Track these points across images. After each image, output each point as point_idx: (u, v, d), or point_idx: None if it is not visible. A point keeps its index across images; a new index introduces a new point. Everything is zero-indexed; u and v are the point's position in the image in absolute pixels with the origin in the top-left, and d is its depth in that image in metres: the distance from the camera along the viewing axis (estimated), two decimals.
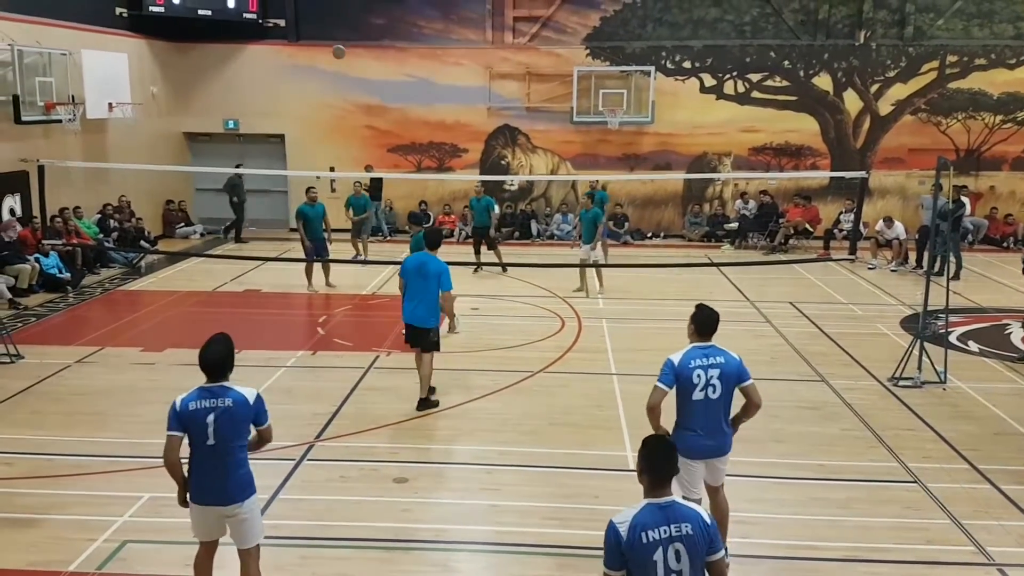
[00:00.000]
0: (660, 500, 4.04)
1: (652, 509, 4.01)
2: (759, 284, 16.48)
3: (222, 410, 5.31)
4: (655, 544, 3.92)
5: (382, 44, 22.01)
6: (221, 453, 5.34)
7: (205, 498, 5.43)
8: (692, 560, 3.96)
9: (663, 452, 4.14)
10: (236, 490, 5.43)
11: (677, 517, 3.98)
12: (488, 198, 17.54)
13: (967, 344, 12.68)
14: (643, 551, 3.91)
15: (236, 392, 5.38)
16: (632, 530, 3.94)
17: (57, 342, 12.49)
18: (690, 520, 3.99)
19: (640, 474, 4.12)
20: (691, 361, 5.99)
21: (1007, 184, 21.78)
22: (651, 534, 3.93)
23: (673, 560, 3.93)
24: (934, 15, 21.22)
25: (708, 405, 6.01)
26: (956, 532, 7.05)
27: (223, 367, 5.43)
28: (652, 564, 3.91)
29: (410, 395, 10.16)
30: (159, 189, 21.52)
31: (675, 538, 3.94)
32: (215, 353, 5.42)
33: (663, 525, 3.95)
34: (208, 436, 5.30)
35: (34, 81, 16.14)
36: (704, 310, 6.25)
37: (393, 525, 7.08)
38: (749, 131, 21.89)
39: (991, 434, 9.21)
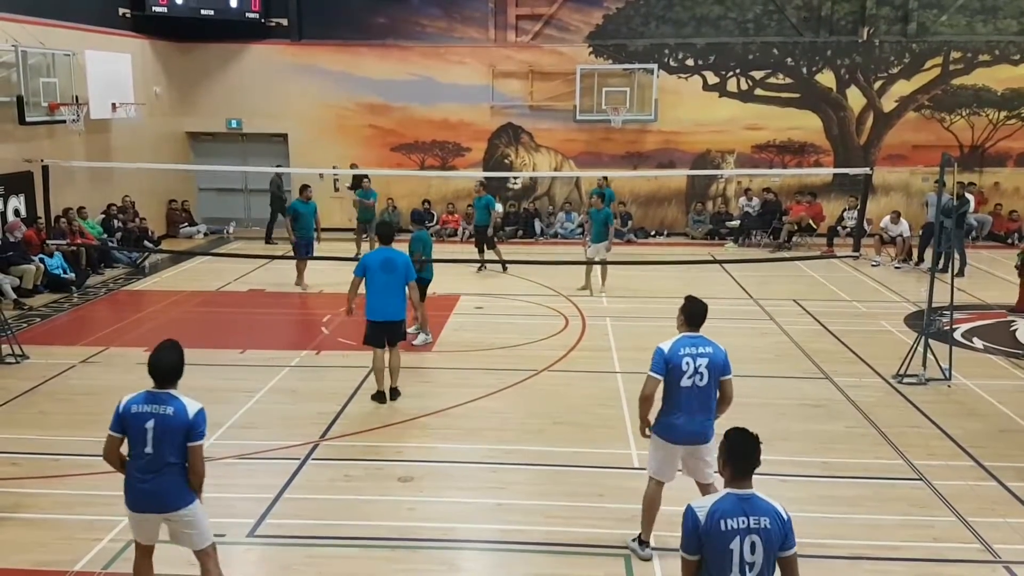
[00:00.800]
0: (741, 491, 4.09)
1: (733, 499, 4.06)
2: (763, 282, 16.46)
3: (161, 417, 5.19)
4: (733, 533, 3.98)
5: (385, 43, 22.01)
6: (158, 463, 5.21)
7: (140, 505, 5.33)
8: (767, 553, 4.00)
9: (746, 443, 4.16)
10: (174, 498, 5.28)
11: (756, 510, 4.04)
12: (488, 196, 17.55)
13: (972, 341, 12.66)
14: (720, 538, 3.97)
15: (179, 401, 5.26)
16: (711, 516, 4.00)
17: (62, 342, 12.52)
18: (768, 514, 4.05)
19: (723, 465, 4.18)
20: (680, 349, 6.17)
21: (1011, 180, 21.74)
22: (730, 522, 3.99)
23: (748, 551, 3.98)
24: (937, 11, 21.17)
25: (694, 392, 6.19)
26: (962, 530, 7.04)
27: (171, 374, 5.34)
28: (728, 552, 3.97)
29: (416, 394, 10.18)
30: (162, 189, 21.55)
31: (752, 530, 3.99)
32: (165, 359, 5.35)
33: (741, 516, 4.00)
34: (146, 443, 5.20)
35: (38, 82, 16.17)
36: (694, 302, 6.41)
37: (398, 524, 7.08)
38: (752, 128, 21.86)
39: (997, 431, 9.19)
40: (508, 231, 21.59)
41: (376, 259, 9.73)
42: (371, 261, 9.73)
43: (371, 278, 9.66)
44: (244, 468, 8.17)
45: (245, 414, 9.49)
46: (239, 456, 8.38)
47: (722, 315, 13.56)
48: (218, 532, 6.81)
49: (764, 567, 4.01)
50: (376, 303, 9.70)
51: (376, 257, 9.77)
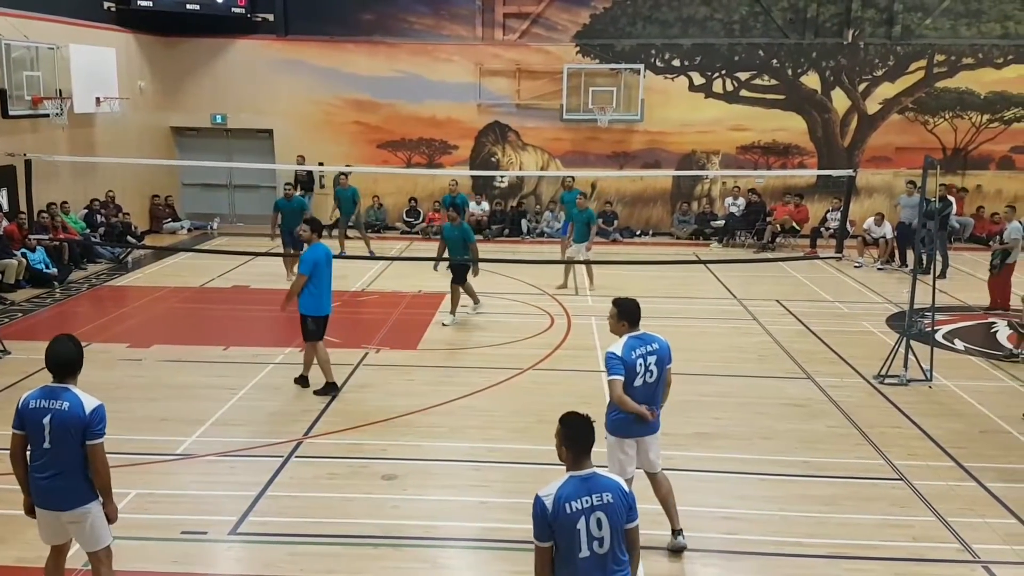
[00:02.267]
0: (582, 472, 4.26)
1: (575, 481, 4.23)
2: (746, 282, 16.54)
3: (56, 412, 5.05)
4: (578, 514, 4.14)
5: (372, 39, 21.96)
6: (56, 459, 5.10)
7: (43, 501, 5.24)
8: (613, 527, 4.19)
9: (582, 426, 4.33)
10: (72, 496, 5.18)
11: (598, 487, 4.22)
12: (463, 195, 17.50)
13: (953, 342, 12.77)
14: (567, 520, 4.13)
15: (75, 397, 5.10)
16: (556, 501, 4.15)
17: (44, 338, 12.22)
18: (610, 489, 4.24)
19: (561, 449, 4.33)
20: (632, 352, 6.27)
21: (993, 183, 21.92)
22: (574, 504, 4.15)
23: (595, 528, 4.16)
24: (922, 14, 21.33)
25: (646, 389, 6.33)
26: (941, 529, 7.10)
27: (68, 366, 5.19)
28: (576, 532, 4.13)
29: (400, 392, 10.19)
30: (146, 184, 21.43)
31: (596, 507, 4.17)
32: (60, 351, 5.19)
33: (585, 495, 4.18)
34: (44, 438, 5.08)
35: (21, 75, 16.07)
36: (628, 302, 6.48)
37: (382, 522, 7.08)
38: (737, 129, 21.96)
39: (977, 432, 9.28)
40: (494, 230, 21.60)
41: (323, 255, 9.80)
42: (320, 257, 9.75)
43: (322, 273, 9.75)
44: (227, 465, 8.15)
45: (228, 411, 9.45)
46: (222, 453, 8.36)
47: (706, 315, 13.66)
48: (200, 529, 6.84)
49: (612, 540, 4.19)
50: (328, 298, 9.92)
51: (322, 253, 9.81)
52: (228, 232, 21.90)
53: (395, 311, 14.14)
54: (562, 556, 4.18)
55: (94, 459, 5.13)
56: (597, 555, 4.17)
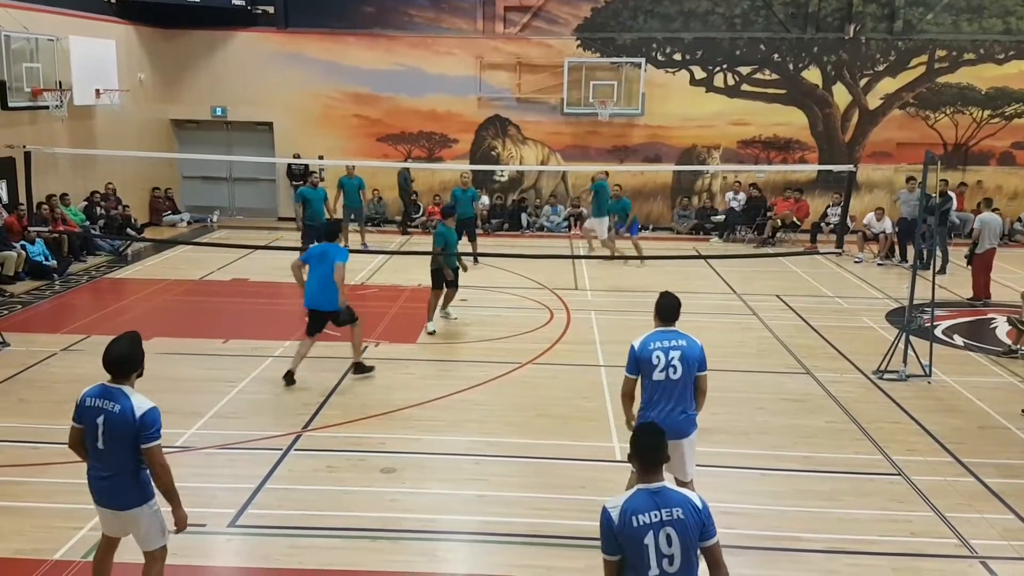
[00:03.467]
0: (651, 486, 4.10)
1: (643, 494, 4.07)
2: (746, 277, 16.54)
3: (109, 414, 5.04)
4: (646, 528, 3.98)
5: (372, 32, 21.92)
6: (110, 459, 5.10)
7: (98, 498, 5.27)
8: (684, 544, 4.02)
9: (652, 438, 4.21)
10: (125, 497, 5.18)
11: (668, 502, 4.05)
12: (473, 189, 17.49)
13: (952, 338, 12.77)
14: (634, 534, 3.98)
15: (127, 400, 5.04)
16: (623, 514, 4.00)
17: (43, 330, 12.43)
18: (681, 505, 4.07)
19: (631, 460, 4.22)
20: (650, 344, 6.21)
21: (994, 179, 21.90)
22: (642, 518, 4.00)
23: (664, 544, 3.99)
24: (923, 9, 21.29)
25: (668, 385, 6.20)
26: (940, 525, 7.11)
27: (121, 365, 5.13)
28: (644, 548, 3.97)
29: (399, 386, 10.20)
30: (146, 176, 21.39)
31: (666, 522, 4.01)
32: (115, 350, 5.15)
33: (653, 510, 4.02)
34: (98, 438, 5.08)
35: (21, 67, 16.03)
36: (666, 297, 6.43)
37: (380, 515, 7.09)
38: (738, 124, 21.93)
39: (975, 427, 9.28)
40: (494, 223, 21.57)
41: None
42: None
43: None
44: (226, 458, 8.15)
45: (228, 404, 9.45)
46: (221, 446, 8.36)
47: (706, 310, 13.65)
48: (199, 522, 6.82)
49: (684, 558, 4.03)
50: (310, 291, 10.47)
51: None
52: (228, 225, 21.89)
53: (394, 305, 14.14)
54: (633, 572, 4.04)
55: (151, 463, 5.07)
56: (667, 573, 4.01)
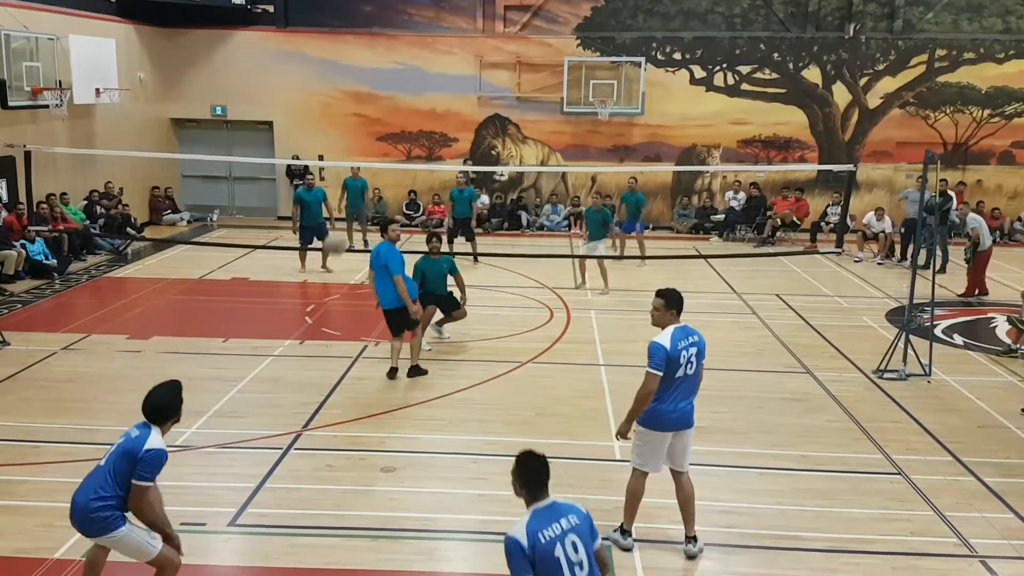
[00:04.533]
0: (542, 504, 4.27)
1: (539, 513, 4.24)
2: (746, 276, 16.54)
3: (127, 437, 5.22)
4: (553, 541, 4.13)
5: (372, 31, 21.92)
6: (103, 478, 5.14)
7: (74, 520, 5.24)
8: (587, 548, 4.21)
9: (538, 462, 4.36)
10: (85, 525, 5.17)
11: (562, 512, 4.25)
12: (471, 189, 17.49)
13: (952, 337, 12.77)
14: (544, 550, 4.11)
15: (147, 433, 5.19)
16: (530, 536, 4.13)
17: (43, 329, 12.44)
18: (572, 511, 4.28)
19: (519, 488, 4.35)
20: (679, 343, 6.24)
21: (994, 178, 21.91)
22: (547, 533, 4.15)
23: (572, 552, 4.15)
24: (923, 8, 21.29)
25: (686, 381, 6.33)
26: (939, 524, 7.11)
27: (158, 413, 5.28)
28: (555, 561, 4.11)
29: (399, 385, 10.20)
30: (145, 175, 21.39)
31: (567, 531, 4.19)
32: (154, 398, 5.32)
33: (554, 523, 4.19)
34: (105, 456, 5.26)
35: (21, 66, 16.03)
36: (674, 292, 6.46)
37: (380, 514, 7.09)
38: (738, 123, 21.93)
39: (975, 427, 9.28)
40: (494, 223, 21.55)
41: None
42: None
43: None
44: (226, 457, 8.15)
45: (227, 403, 9.46)
46: (221, 445, 8.36)
47: (706, 309, 13.64)
48: (199, 521, 6.84)
49: (590, 562, 4.20)
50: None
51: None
52: (228, 224, 21.88)
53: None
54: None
55: (134, 498, 5.12)
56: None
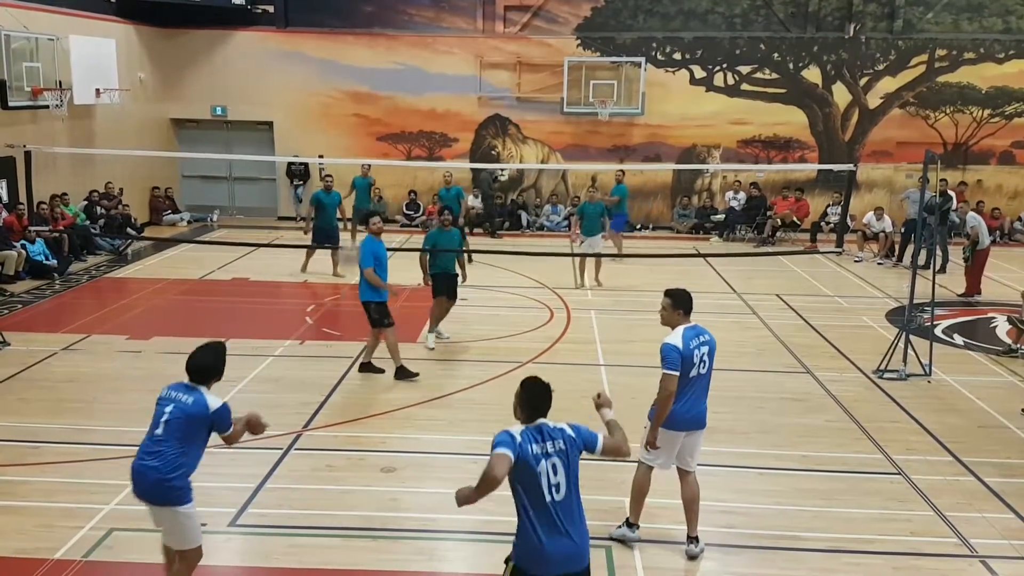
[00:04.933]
0: (532, 424, 4.57)
1: (530, 431, 4.54)
2: (746, 276, 16.54)
3: (179, 403, 5.23)
4: (538, 457, 4.46)
5: (372, 31, 21.93)
6: (157, 445, 5.21)
7: (137, 488, 5.31)
8: (567, 472, 4.51)
9: (544, 388, 4.65)
10: (159, 493, 5.25)
11: (550, 434, 4.54)
12: (457, 187, 17.50)
13: (952, 337, 12.77)
14: (527, 463, 4.43)
15: (202, 396, 5.26)
16: (522, 444, 4.45)
17: (43, 329, 12.44)
18: (560, 436, 4.55)
19: (518, 408, 4.65)
20: (691, 343, 6.25)
21: (994, 178, 21.92)
22: (534, 448, 4.47)
23: (551, 473, 4.46)
24: (924, 8, 21.29)
25: (699, 381, 6.36)
26: (940, 524, 7.12)
27: (200, 374, 5.35)
28: (536, 475, 4.44)
29: (399, 385, 10.20)
30: (146, 175, 21.39)
31: (551, 453, 4.48)
32: (198, 358, 5.38)
33: (540, 442, 4.50)
34: (159, 425, 5.24)
35: (21, 66, 16.03)
36: (682, 292, 6.47)
37: (380, 514, 7.10)
38: (738, 123, 21.93)
39: (975, 427, 9.29)
40: (497, 223, 21.46)
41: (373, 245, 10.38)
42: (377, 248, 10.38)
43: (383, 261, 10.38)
44: (226, 457, 8.11)
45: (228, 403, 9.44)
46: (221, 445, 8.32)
47: (706, 309, 13.58)
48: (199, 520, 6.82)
49: (568, 486, 4.51)
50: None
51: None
52: (228, 224, 21.89)
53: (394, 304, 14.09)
54: (527, 501, 4.48)
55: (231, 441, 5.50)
56: (556, 501, 4.44)
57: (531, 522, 4.48)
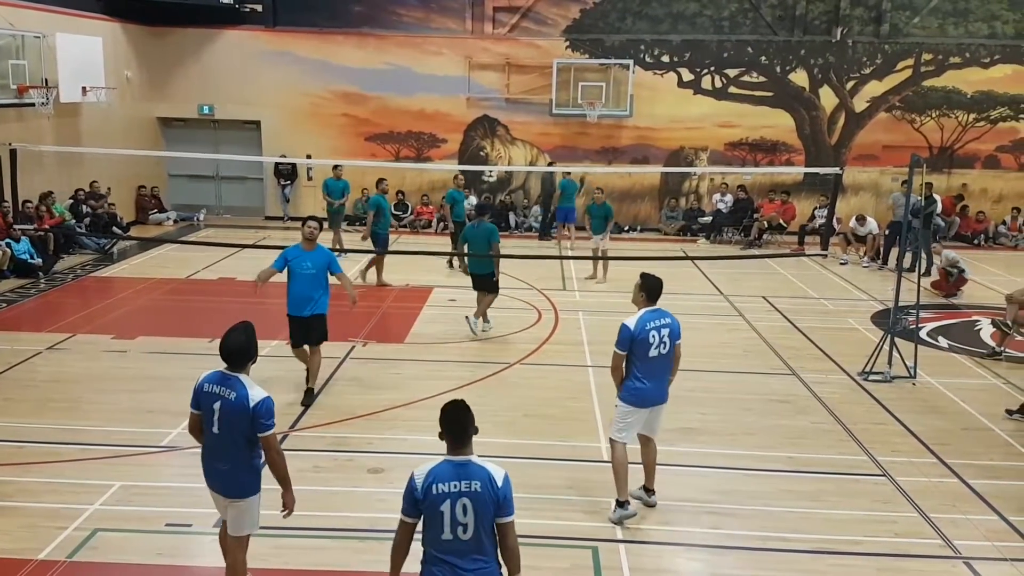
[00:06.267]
0: (457, 458, 4.37)
1: (448, 466, 4.35)
2: (733, 278, 16.60)
3: (227, 402, 5.20)
4: (444, 496, 4.27)
5: (360, 31, 21.89)
6: (224, 445, 5.25)
7: (210, 483, 5.45)
8: (479, 515, 4.26)
9: (461, 414, 4.44)
10: (234, 486, 5.35)
11: (468, 475, 4.30)
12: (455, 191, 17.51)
13: (937, 340, 12.86)
14: (433, 501, 4.28)
15: (244, 388, 5.22)
16: (426, 481, 4.30)
17: (28, 328, 12.36)
18: (480, 479, 4.30)
19: (441, 435, 4.45)
20: (646, 324, 6.82)
21: (979, 182, 22.07)
22: (441, 487, 4.28)
23: (460, 513, 4.26)
24: (910, 13, 21.43)
25: (660, 360, 6.88)
26: (924, 525, 7.16)
27: (238, 356, 5.28)
28: (439, 515, 4.27)
29: (387, 386, 10.18)
30: (132, 174, 21.28)
31: (464, 493, 4.26)
32: (232, 341, 5.30)
33: (454, 480, 4.29)
34: (213, 423, 5.25)
35: (7, 64, 15.96)
36: (651, 278, 7.02)
37: (367, 515, 7.09)
38: (726, 126, 22.01)
39: (959, 429, 9.35)
40: None
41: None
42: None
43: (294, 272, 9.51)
44: None
45: None
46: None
47: (693, 311, 13.68)
48: (184, 522, 6.82)
49: (478, 528, 4.27)
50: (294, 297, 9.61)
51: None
52: (214, 224, 21.80)
53: (383, 304, 14.13)
54: (428, 535, 4.34)
55: (266, 450, 5.27)
56: (461, 540, 4.27)
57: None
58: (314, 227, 9.34)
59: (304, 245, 9.36)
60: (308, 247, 9.35)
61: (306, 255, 9.33)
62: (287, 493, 5.42)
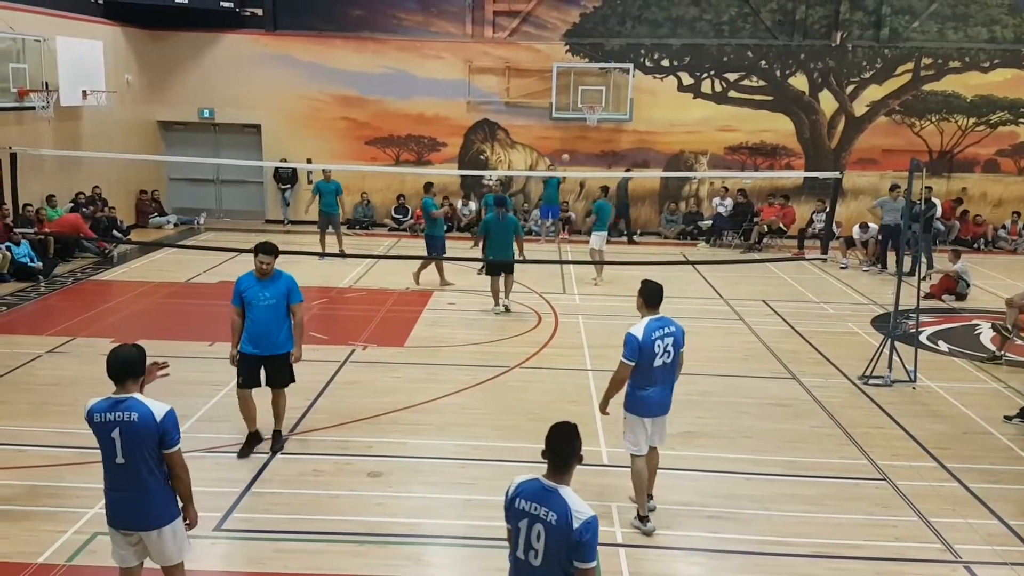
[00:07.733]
0: (548, 482, 4.18)
1: (537, 486, 4.18)
2: (733, 282, 16.60)
3: (128, 425, 4.80)
4: (523, 514, 4.14)
5: (360, 35, 21.91)
6: (133, 473, 4.85)
7: (120, 523, 5.02)
8: (549, 546, 4.07)
9: (562, 443, 4.22)
10: (153, 515, 4.96)
11: (549, 503, 4.10)
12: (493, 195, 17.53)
13: (937, 344, 12.85)
14: (515, 514, 4.19)
15: (143, 405, 4.85)
16: (515, 490, 4.22)
17: (28, 331, 12.36)
18: (558, 512, 4.07)
19: (544, 453, 4.25)
20: (652, 334, 6.66)
21: (979, 186, 22.08)
22: (523, 504, 4.15)
23: (535, 537, 4.10)
24: (910, 17, 21.45)
25: (664, 369, 6.77)
26: (924, 530, 7.15)
27: (124, 369, 4.95)
28: (517, 530, 4.17)
29: (386, 390, 10.18)
30: (132, 178, 21.29)
31: (540, 519, 4.09)
32: (117, 355, 4.98)
33: (535, 503, 4.12)
34: (116, 454, 4.84)
35: (7, 67, 15.94)
36: (652, 284, 6.91)
37: (367, 519, 7.08)
38: (725, 130, 22.03)
39: (959, 433, 9.35)
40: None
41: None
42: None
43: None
44: (212, 461, 8.11)
45: (214, 407, 9.41)
46: (207, 449, 8.32)
47: (692, 315, 13.67)
48: None
49: (551, 560, 4.08)
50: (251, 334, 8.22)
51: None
52: (215, 227, 21.80)
53: (382, 308, 14.12)
54: (510, 547, 4.26)
55: (172, 466, 4.95)
56: (531, 565, 4.13)
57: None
58: (266, 261, 8.01)
59: (257, 274, 8.14)
60: (262, 276, 8.12)
61: (262, 284, 8.08)
62: (189, 508, 5.14)
